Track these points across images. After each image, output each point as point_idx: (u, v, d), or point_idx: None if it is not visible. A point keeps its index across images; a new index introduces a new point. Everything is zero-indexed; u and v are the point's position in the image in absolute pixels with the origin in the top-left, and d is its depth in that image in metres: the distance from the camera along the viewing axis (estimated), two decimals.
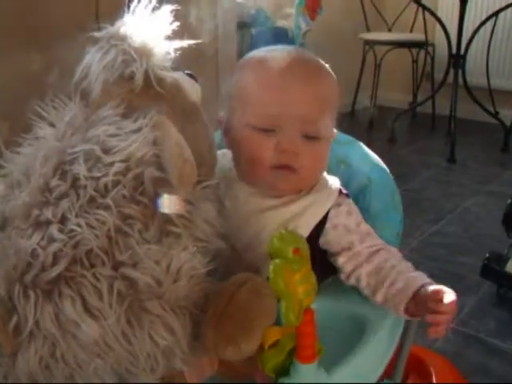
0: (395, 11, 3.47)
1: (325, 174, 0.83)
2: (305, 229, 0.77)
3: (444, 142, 3.11)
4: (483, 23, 2.92)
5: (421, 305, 0.71)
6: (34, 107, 0.67)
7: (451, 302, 0.68)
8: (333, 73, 0.81)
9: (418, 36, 3.31)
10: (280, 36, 2.83)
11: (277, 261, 0.57)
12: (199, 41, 0.71)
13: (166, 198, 0.58)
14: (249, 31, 2.63)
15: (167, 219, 0.58)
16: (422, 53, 3.45)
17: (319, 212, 0.78)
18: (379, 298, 0.75)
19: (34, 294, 0.51)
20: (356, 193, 0.89)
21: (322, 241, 0.79)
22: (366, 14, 3.44)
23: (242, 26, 2.57)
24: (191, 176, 0.59)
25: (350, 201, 0.82)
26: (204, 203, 0.64)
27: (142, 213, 0.56)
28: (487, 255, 1.59)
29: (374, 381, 0.72)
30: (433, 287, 0.71)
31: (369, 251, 0.78)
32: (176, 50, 0.70)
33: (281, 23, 2.92)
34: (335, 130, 0.84)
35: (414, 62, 3.55)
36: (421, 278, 0.75)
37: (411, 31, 3.47)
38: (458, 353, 1.36)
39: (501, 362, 1.35)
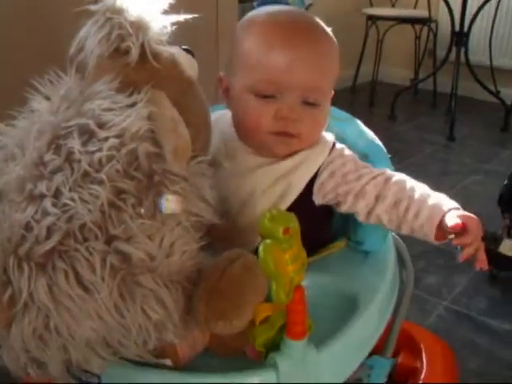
0: None
1: None
2: (298, 185, 0.77)
3: (444, 119, 3.10)
4: (487, 1, 2.88)
5: (447, 232, 0.72)
6: (30, 80, 0.67)
7: (472, 233, 0.70)
8: (333, 36, 0.80)
9: (421, 12, 3.27)
10: None
11: (267, 241, 0.57)
12: (196, 15, 0.70)
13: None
14: (250, 5, 2.60)
15: (160, 193, 0.58)
16: (425, 29, 3.41)
17: (312, 167, 0.78)
18: (405, 231, 0.76)
19: (27, 266, 0.51)
20: None
21: (317, 196, 0.79)
22: None
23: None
24: (185, 151, 0.60)
25: (343, 151, 0.81)
26: (199, 178, 0.64)
27: (135, 188, 0.56)
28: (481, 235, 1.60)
29: (364, 356, 0.73)
30: (450, 220, 0.70)
31: (375, 185, 0.77)
32: (173, 24, 0.69)
33: None
34: (333, 92, 0.83)
35: (417, 38, 3.51)
36: (442, 203, 0.73)
37: (415, 7, 3.43)
38: (448, 330, 1.38)
39: (489, 339, 1.37)
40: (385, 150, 0.91)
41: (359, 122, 0.96)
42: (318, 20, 0.80)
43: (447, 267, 1.66)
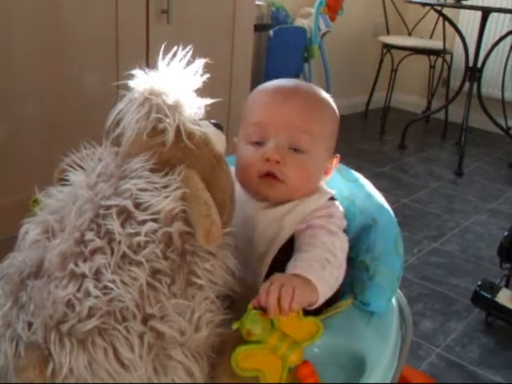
0: (417, 15, 3.49)
1: (324, 185, 0.89)
2: (288, 228, 0.82)
3: (453, 151, 3.14)
4: (503, 38, 2.92)
5: None
6: (68, 153, 0.72)
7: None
8: (333, 103, 0.88)
9: (436, 43, 3.31)
10: (298, 37, 2.86)
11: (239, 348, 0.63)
12: (220, 99, 0.76)
13: None
14: (266, 33, 2.66)
15: (191, 271, 0.63)
16: (440, 59, 3.45)
17: (305, 209, 0.83)
18: None
19: (69, 342, 0.56)
20: (360, 230, 0.93)
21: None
22: (387, 16, 3.45)
23: (260, 28, 2.60)
24: (217, 236, 0.64)
25: (333, 208, 0.85)
26: (223, 250, 0.69)
27: (170, 267, 0.61)
28: (479, 283, 1.62)
29: None
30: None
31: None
32: (206, 106, 0.74)
33: (300, 22, 2.94)
34: (338, 155, 0.90)
35: (432, 67, 3.55)
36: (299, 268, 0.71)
37: (431, 37, 3.47)
38: (438, 379, 1.38)
39: None
40: (393, 215, 0.95)
41: (368, 183, 1.00)
42: (318, 88, 0.89)
43: (444, 312, 1.68)
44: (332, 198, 0.87)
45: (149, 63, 0.76)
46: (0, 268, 0.67)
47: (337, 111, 0.89)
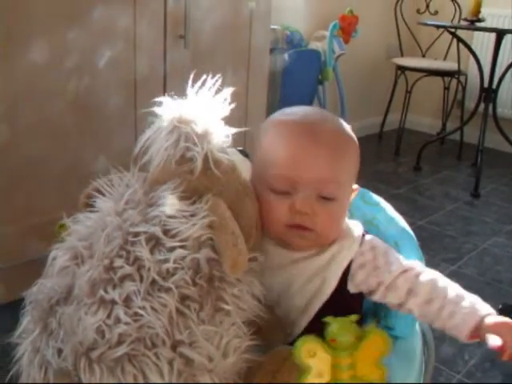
0: (431, 37, 3.51)
1: (347, 220, 0.86)
2: (332, 280, 0.80)
3: (469, 173, 3.13)
4: None
5: (481, 333, 0.73)
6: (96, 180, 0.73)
7: (508, 340, 0.69)
8: (354, 137, 0.83)
9: (450, 65, 3.32)
10: (312, 59, 2.88)
11: (307, 336, 0.64)
12: (247, 128, 0.76)
13: None
14: (281, 56, 2.69)
15: (219, 297, 0.64)
16: (454, 80, 3.46)
17: (344, 261, 0.81)
18: (437, 326, 0.78)
19: (99, 368, 0.56)
20: None
21: (350, 286, 0.82)
22: (401, 38, 3.48)
23: (276, 51, 2.63)
24: (243, 265, 0.64)
25: (374, 243, 0.84)
26: (250, 277, 0.69)
27: (198, 293, 0.61)
28: (500, 306, 1.59)
29: None
30: (491, 322, 0.73)
31: (405, 280, 0.80)
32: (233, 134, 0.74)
33: (314, 45, 2.97)
34: (356, 186, 0.88)
35: (446, 89, 3.56)
36: (476, 308, 0.76)
37: (445, 58, 3.49)
38: None
39: None
40: (415, 239, 0.95)
41: (389, 207, 1.01)
42: (336, 118, 0.84)
43: None
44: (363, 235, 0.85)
45: (166, 86, 0.76)
46: (29, 294, 0.68)
47: (357, 143, 0.85)
